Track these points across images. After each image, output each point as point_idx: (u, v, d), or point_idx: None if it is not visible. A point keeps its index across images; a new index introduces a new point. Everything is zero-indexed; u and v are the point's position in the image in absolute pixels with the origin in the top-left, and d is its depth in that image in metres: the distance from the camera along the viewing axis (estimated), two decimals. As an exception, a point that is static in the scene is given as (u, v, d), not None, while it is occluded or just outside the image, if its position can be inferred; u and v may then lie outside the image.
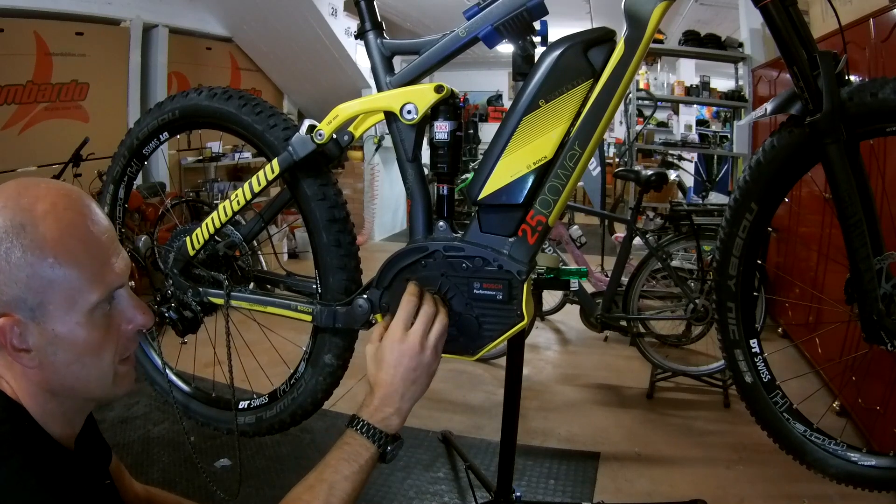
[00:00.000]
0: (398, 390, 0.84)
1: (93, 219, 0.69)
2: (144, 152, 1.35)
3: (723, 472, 2.27)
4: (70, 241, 0.66)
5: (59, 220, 0.66)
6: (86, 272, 0.67)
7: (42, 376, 0.68)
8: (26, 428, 0.68)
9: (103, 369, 0.71)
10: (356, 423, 0.83)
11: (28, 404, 0.69)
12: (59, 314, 0.66)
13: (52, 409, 0.71)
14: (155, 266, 3.33)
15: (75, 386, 0.71)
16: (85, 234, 0.68)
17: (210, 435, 1.34)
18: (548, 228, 0.97)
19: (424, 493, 2.14)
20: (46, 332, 0.66)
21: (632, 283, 2.86)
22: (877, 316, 1.01)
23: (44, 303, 0.65)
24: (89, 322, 0.68)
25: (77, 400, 0.74)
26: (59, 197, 0.67)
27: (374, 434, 0.82)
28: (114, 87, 4.85)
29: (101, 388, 0.73)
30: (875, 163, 1.86)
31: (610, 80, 0.92)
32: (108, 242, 0.70)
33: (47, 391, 0.70)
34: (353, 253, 1.15)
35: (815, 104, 0.94)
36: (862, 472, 1.07)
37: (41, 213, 0.65)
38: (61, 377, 0.69)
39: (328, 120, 1.06)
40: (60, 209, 0.67)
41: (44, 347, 0.67)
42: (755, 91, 4.72)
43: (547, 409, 2.79)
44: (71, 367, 0.69)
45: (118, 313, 0.72)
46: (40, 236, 0.64)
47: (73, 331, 0.67)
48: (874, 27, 2.29)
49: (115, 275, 0.70)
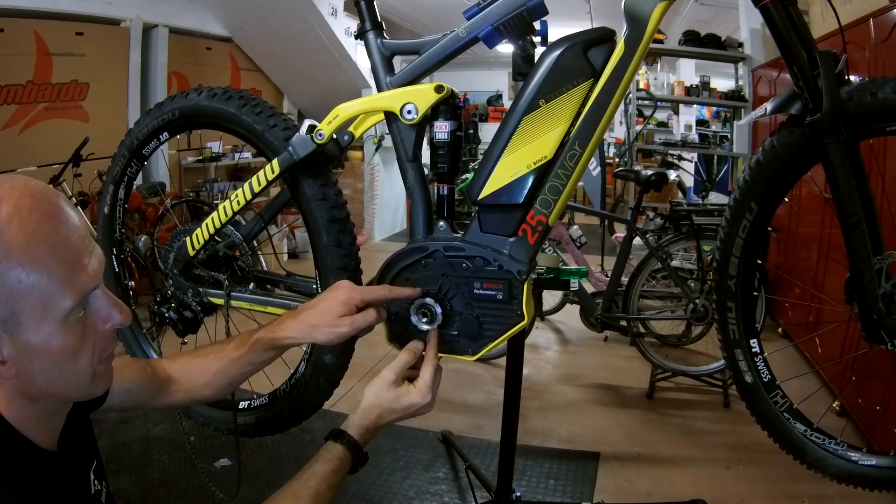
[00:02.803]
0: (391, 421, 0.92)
1: (61, 218, 0.65)
2: (144, 152, 1.35)
3: (723, 472, 2.26)
4: (38, 247, 0.61)
5: (24, 225, 0.61)
6: (57, 278, 0.63)
7: (19, 384, 0.66)
8: (3, 436, 0.66)
9: (81, 372, 0.69)
10: (343, 438, 0.88)
11: (5, 410, 0.67)
12: (32, 324, 0.63)
13: (30, 414, 0.69)
14: (155, 266, 3.33)
15: (53, 391, 0.69)
16: (53, 238, 0.63)
17: (210, 435, 1.34)
18: (548, 228, 0.98)
19: (424, 493, 2.14)
20: (20, 342, 0.63)
21: (632, 283, 2.86)
22: (877, 315, 1.01)
23: (15, 313, 0.62)
24: (64, 329, 0.65)
25: (56, 403, 0.72)
26: (22, 197, 0.62)
27: (356, 449, 0.88)
28: (114, 87, 4.85)
29: (79, 389, 0.71)
30: (875, 162, 1.86)
31: (610, 80, 0.92)
32: (78, 243, 0.66)
33: (25, 397, 0.67)
34: (354, 253, 1.15)
35: (815, 104, 0.94)
36: (862, 472, 1.07)
37: (5, 217, 0.60)
38: (38, 384, 0.66)
39: (328, 120, 1.07)
40: (25, 212, 0.62)
41: (18, 358, 0.64)
42: (755, 91, 4.72)
43: (547, 409, 2.79)
44: (48, 374, 0.66)
45: (94, 314, 0.69)
46: (5, 244, 0.60)
47: (48, 339, 0.64)
48: (874, 27, 2.29)
49: (89, 276, 0.66)
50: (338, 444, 0.87)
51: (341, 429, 0.89)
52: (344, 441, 0.87)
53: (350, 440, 0.87)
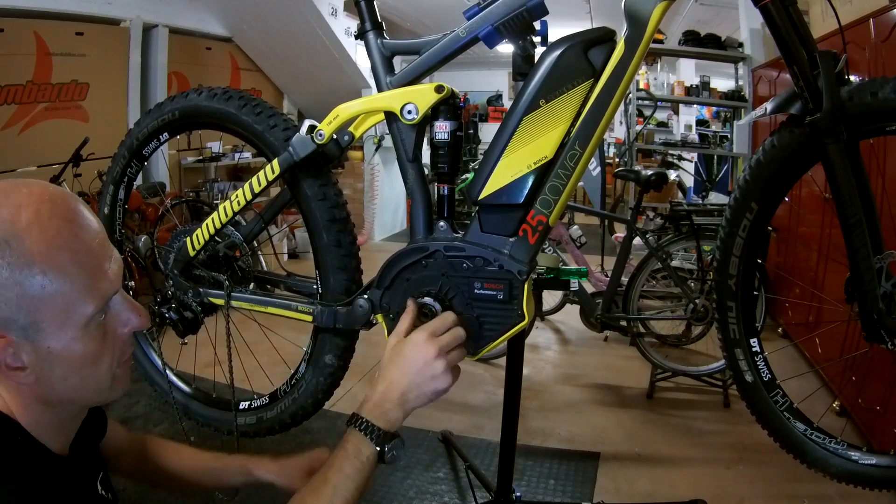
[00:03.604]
0: (401, 387, 0.84)
1: (81, 224, 0.65)
2: (144, 153, 1.35)
3: (723, 472, 2.26)
4: (59, 254, 0.61)
5: (44, 231, 0.61)
6: (78, 284, 0.63)
7: (38, 390, 0.66)
8: (18, 442, 0.66)
9: (101, 377, 0.69)
10: (355, 420, 0.83)
11: (21, 416, 0.67)
12: (53, 330, 0.63)
13: (46, 421, 0.68)
14: (155, 266, 3.33)
15: (73, 397, 0.69)
16: (74, 243, 0.63)
17: (210, 435, 1.34)
18: (548, 228, 0.97)
19: (424, 493, 2.14)
20: (41, 349, 0.63)
21: (632, 283, 2.86)
22: (877, 315, 1.01)
23: (36, 321, 0.62)
24: (85, 335, 0.65)
25: (73, 408, 0.72)
26: (42, 203, 0.62)
27: (371, 431, 0.81)
28: (114, 87, 4.85)
29: (99, 394, 0.71)
30: (875, 162, 1.86)
31: (610, 80, 0.92)
32: (98, 248, 0.66)
33: (42, 403, 0.67)
34: (354, 253, 1.15)
35: (815, 104, 0.94)
36: (863, 471, 1.07)
37: (25, 224, 0.60)
38: (58, 391, 0.66)
39: (328, 120, 1.07)
40: (45, 218, 0.61)
41: (39, 364, 0.64)
42: (755, 91, 4.72)
43: (547, 409, 2.79)
44: (68, 381, 0.66)
45: (113, 318, 0.69)
46: (26, 251, 0.60)
47: (69, 346, 0.64)
48: (874, 27, 2.29)
49: (109, 282, 0.66)
50: (349, 428, 0.83)
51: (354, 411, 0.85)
52: (354, 422, 0.83)
53: (359, 419, 0.83)
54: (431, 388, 0.85)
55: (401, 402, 0.84)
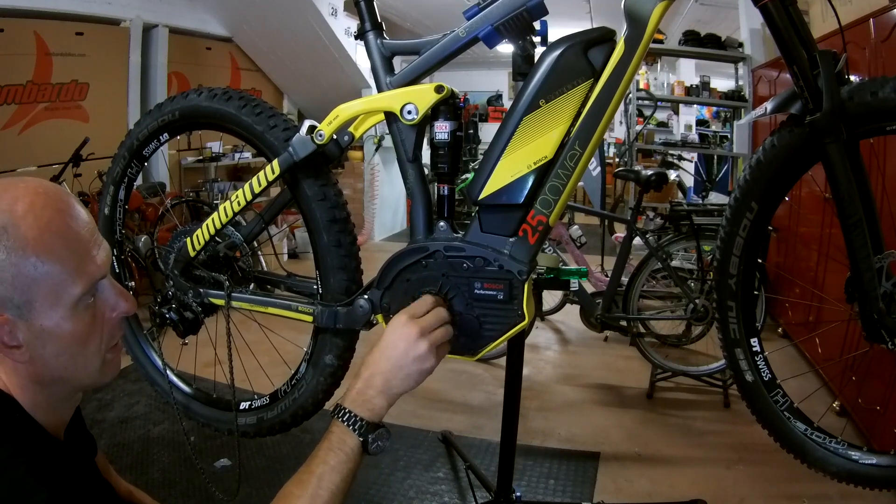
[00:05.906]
0: (385, 373, 0.84)
1: (71, 214, 0.71)
2: (144, 153, 1.35)
3: (723, 472, 2.26)
4: (50, 239, 0.67)
5: (38, 219, 0.67)
6: (68, 267, 0.69)
7: (33, 369, 0.71)
8: (17, 419, 0.70)
9: (90, 358, 0.74)
10: (338, 410, 0.83)
11: (19, 396, 0.71)
12: (45, 309, 0.68)
13: (41, 400, 0.73)
14: (155, 267, 3.33)
15: (64, 376, 0.73)
16: (65, 230, 0.69)
17: (210, 435, 1.34)
18: (548, 228, 0.98)
19: (424, 493, 2.14)
20: (34, 327, 0.68)
21: (632, 283, 2.86)
22: (877, 314, 1.01)
23: (30, 300, 0.67)
24: (74, 315, 0.70)
25: (66, 389, 0.76)
26: (36, 195, 0.69)
27: (354, 421, 0.81)
28: (114, 88, 4.85)
29: (89, 376, 0.75)
30: (875, 162, 1.86)
31: (610, 80, 0.92)
32: (87, 236, 0.72)
33: (37, 383, 0.72)
34: (354, 253, 1.15)
35: (815, 103, 0.94)
36: (863, 471, 1.07)
37: (21, 213, 0.66)
38: (51, 369, 0.71)
39: (328, 120, 1.07)
40: (39, 207, 0.68)
41: (33, 342, 0.69)
42: (755, 91, 4.72)
43: (547, 409, 2.79)
44: (60, 359, 0.71)
45: (102, 303, 0.74)
46: (21, 236, 0.66)
47: (60, 324, 0.69)
48: (874, 27, 2.29)
49: (97, 266, 0.72)
50: (333, 419, 0.83)
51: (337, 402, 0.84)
52: (337, 412, 0.83)
53: (342, 410, 0.82)
54: (416, 369, 0.84)
55: (385, 389, 0.83)
